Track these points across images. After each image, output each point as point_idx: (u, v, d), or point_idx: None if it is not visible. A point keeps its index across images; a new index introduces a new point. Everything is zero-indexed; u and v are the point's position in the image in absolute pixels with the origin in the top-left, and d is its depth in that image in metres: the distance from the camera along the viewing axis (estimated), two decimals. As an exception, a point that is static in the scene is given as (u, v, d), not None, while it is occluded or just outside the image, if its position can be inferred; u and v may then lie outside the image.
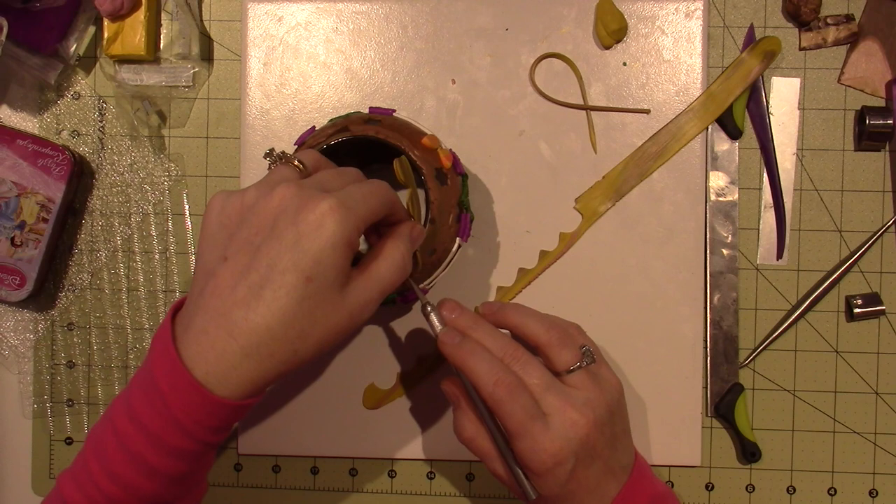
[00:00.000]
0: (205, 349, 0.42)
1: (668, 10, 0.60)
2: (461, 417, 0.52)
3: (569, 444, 0.48)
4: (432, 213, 0.52)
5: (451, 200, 0.53)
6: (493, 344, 0.50)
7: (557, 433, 0.48)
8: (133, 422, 0.44)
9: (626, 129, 0.61)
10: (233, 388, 0.43)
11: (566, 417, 0.49)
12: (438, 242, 0.53)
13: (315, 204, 0.42)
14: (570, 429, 0.48)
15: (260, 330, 0.41)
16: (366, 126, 0.53)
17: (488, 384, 0.48)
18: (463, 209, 0.54)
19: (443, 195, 0.52)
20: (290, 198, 0.42)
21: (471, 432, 0.51)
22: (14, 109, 0.65)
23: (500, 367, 0.49)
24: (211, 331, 0.42)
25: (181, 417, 0.43)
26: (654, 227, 0.60)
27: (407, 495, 0.63)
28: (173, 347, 0.43)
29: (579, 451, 0.49)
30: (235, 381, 0.42)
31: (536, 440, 0.48)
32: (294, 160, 0.46)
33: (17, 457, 0.65)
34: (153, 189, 0.64)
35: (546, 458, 0.48)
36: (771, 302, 0.61)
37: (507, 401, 0.48)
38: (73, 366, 0.64)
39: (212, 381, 0.42)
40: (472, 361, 0.49)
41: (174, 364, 0.42)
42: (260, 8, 0.62)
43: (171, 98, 0.63)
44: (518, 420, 0.48)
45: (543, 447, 0.48)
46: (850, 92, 0.61)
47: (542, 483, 0.49)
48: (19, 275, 0.61)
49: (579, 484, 0.50)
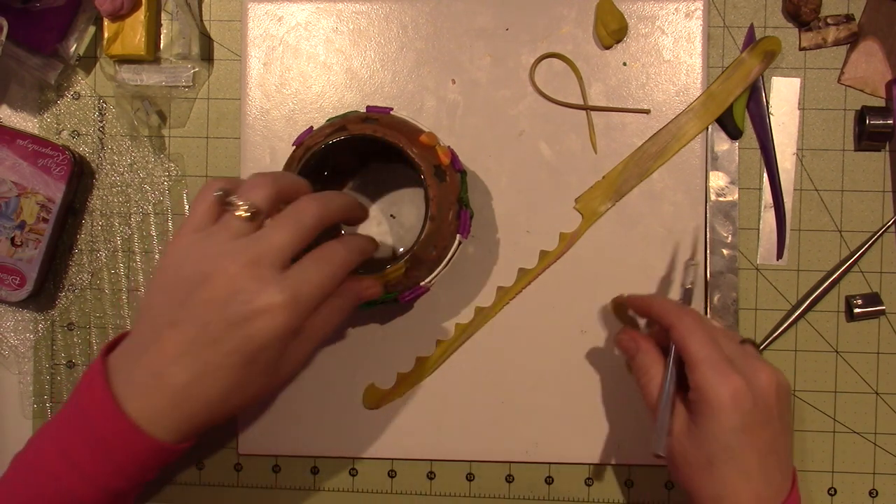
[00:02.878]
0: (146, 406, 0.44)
1: (668, 10, 0.60)
2: (642, 357, 0.53)
3: (750, 385, 0.48)
4: (432, 211, 0.52)
5: (450, 197, 0.53)
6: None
7: (740, 369, 0.48)
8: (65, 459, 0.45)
9: (626, 129, 0.61)
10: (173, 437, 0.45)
11: (750, 364, 0.49)
12: (438, 239, 0.53)
13: (270, 294, 0.42)
14: (752, 373, 0.48)
15: (200, 401, 0.44)
16: (363, 125, 0.53)
17: (670, 310, 0.52)
18: (462, 206, 0.54)
19: (442, 192, 0.52)
20: (247, 279, 0.43)
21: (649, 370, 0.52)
22: (14, 109, 0.65)
23: (686, 306, 0.53)
24: (152, 394, 0.44)
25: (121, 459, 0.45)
26: (654, 227, 0.60)
27: (407, 495, 0.63)
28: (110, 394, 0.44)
29: (758, 402, 0.48)
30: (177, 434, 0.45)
31: (718, 366, 0.48)
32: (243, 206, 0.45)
33: (17, 457, 0.65)
34: (153, 189, 0.64)
35: (724, 388, 0.47)
36: (771, 302, 0.61)
37: (688, 322, 0.50)
38: (73, 366, 0.64)
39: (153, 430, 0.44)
40: (659, 299, 0.54)
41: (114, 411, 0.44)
42: (260, 8, 0.62)
43: (171, 98, 0.63)
44: (701, 344, 0.49)
45: (724, 374, 0.47)
46: (850, 92, 0.61)
47: (716, 422, 0.47)
48: (19, 275, 0.61)
49: (750, 443, 0.47)
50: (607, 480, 0.62)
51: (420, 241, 0.52)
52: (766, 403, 0.48)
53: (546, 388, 0.61)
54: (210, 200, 0.46)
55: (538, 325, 0.61)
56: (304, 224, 0.45)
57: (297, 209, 0.45)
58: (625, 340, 0.56)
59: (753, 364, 0.49)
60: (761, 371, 0.49)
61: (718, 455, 0.48)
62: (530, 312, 0.61)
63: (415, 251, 0.52)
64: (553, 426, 0.61)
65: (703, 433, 0.48)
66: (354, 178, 0.61)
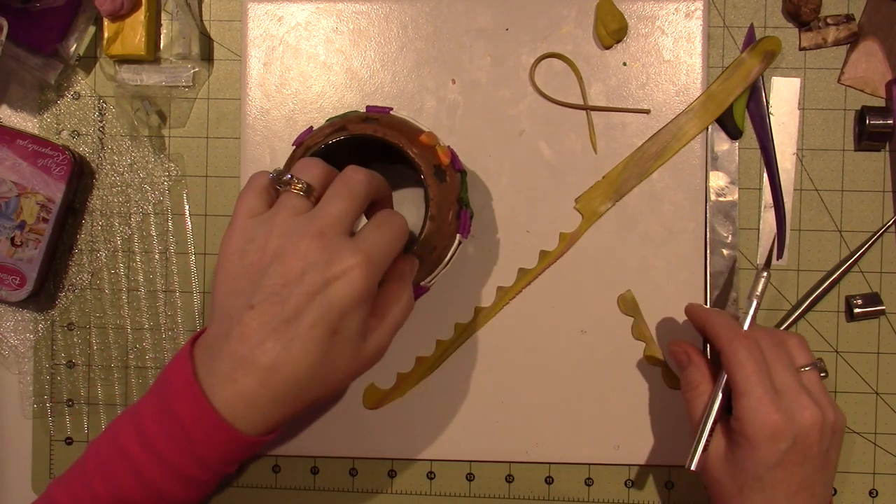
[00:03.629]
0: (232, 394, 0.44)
1: (668, 10, 0.60)
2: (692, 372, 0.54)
3: (791, 424, 0.48)
4: (432, 211, 0.52)
5: (450, 197, 0.53)
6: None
7: (784, 407, 0.49)
8: (147, 449, 0.45)
9: (626, 129, 0.61)
10: (257, 428, 0.45)
11: (797, 400, 0.49)
12: (438, 239, 0.53)
13: (344, 259, 0.43)
14: (797, 411, 0.49)
15: (289, 381, 0.43)
16: (363, 125, 0.53)
17: (726, 335, 0.51)
18: (462, 206, 0.54)
19: (442, 192, 0.52)
20: (318, 250, 0.43)
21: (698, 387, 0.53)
22: (14, 109, 0.65)
23: (742, 330, 0.52)
24: (239, 378, 0.43)
25: (203, 452, 0.44)
26: (654, 227, 0.60)
27: (407, 495, 0.63)
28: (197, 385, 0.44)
29: (798, 440, 0.48)
30: (262, 422, 0.45)
31: (761, 402, 0.49)
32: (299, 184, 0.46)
33: (17, 457, 0.65)
34: (153, 189, 0.64)
35: (763, 425, 0.48)
36: (771, 302, 0.61)
37: (742, 352, 0.50)
38: (73, 366, 0.64)
39: (238, 422, 0.44)
40: (715, 316, 0.53)
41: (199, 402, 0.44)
42: (260, 8, 0.62)
43: (171, 98, 0.63)
44: (747, 375, 0.49)
45: (766, 411, 0.48)
46: (850, 92, 0.61)
47: (751, 455, 0.49)
48: (19, 275, 0.61)
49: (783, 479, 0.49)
50: (607, 480, 0.62)
51: (420, 241, 0.52)
52: (806, 442, 0.49)
53: (546, 388, 0.61)
54: (260, 186, 0.46)
55: (538, 325, 0.61)
56: (357, 192, 0.46)
57: (348, 180, 0.46)
58: (677, 353, 0.56)
59: (801, 401, 0.49)
60: (807, 409, 0.49)
61: (749, 484, 0.49)
62: (530, 312, 0.61)
63: (414, 251, 0.52)
64: (553, 426, 0.61)
65: (738, 462, 0.50)
66: None
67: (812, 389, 0.51)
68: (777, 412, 0.48)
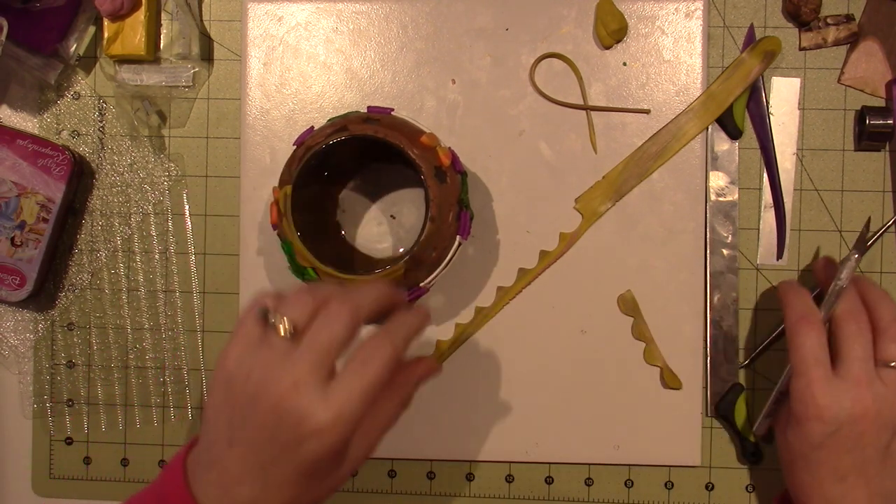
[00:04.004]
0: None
1: (668, 10, 0.60)
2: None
3: (839, 410, 0.50)
4: (432, 212, 0.52)
5: (450, 199, 0.53)
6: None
7: (835, 394, 0.50)
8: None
9: (626, 129, 0.61)
10: None
11: (853, 390, 0.50)
12: (438, 241, 0.53)
13: (314, 419, 0.43)
14: (848, 400, 0.50)
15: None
16: (364, 125, 0.53)
17: (793, 316, 0.52)
18: (463, 207, 0.54)
19: (442, 193, 0.52)
20: (291, 402, 0.43)
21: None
22: (14, 109, 0.65)
23: (814, 309, 0.53)
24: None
25: None
26: (654, 227, 0.60)
27: (407, 495, 0.63)
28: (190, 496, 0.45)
29: (845, 427, 0.50)
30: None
31: (811, 384, 0.50)
32: (282, 327, 0.45)
33: (17, 457, 0.65)
34: (153, 189, 0.64)
35: (809, 406, 0.50)
36: (771, 302, 0.61)
37: (801, 335, 0.51)
38: (73, 366, 0.64)
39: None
40: (792, 295, 0.54)
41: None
42: (260, 8, 0.62)
43: (171, 98, 0.63)
44: (802, 357, 0.51)
45: (813, 394, 0.50)
46: (850, 92, 0.61)
47: (798, 432, 0.51)
48: (19, 275, 0.61)
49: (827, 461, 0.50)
50: (607, 480, 0.62)
51: (420, 242, 0.52)
52: (856, 430, 0.50)
53: (546, 388, 0.61)
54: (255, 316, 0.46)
55: (538, 325, 0.61)
56: (338, 330, 0.45)
57: (328, 317, 0.45)
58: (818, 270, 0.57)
59: (859, 392, 0.50)
60: (861, 401, 0.50)
61: (797, 461, 0.52)
62: (530, 312, 0.61)
63: (414, 252, 0.52)
64: (553, 426, 0.61)
65: (789, 436, 0.52)
66: (355, 178, 0.61)
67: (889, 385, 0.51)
68: (826, 397, 0.50)
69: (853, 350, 0.51)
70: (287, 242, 0.54)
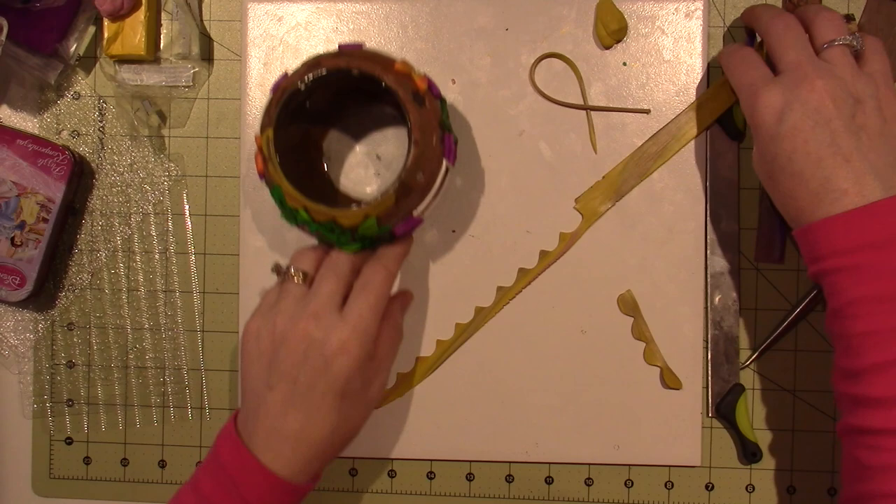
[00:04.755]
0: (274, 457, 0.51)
1: (668, 10, 0.60)
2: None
3: (789, 94, 0.50)
4: (415, 136, 0.51)
5: (432, 122, 0.53)
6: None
7: (781, 85, 0.50)
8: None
9: (626, 129, 0.61)
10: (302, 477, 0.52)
11: (795, 72, 0.50)
12: (425, 164, 0.52)
13: (336, 337, 0.50)
14: (793, 83, 0.50)
15: (315, 442, 0.51)
16: (337, 59, 0.52)
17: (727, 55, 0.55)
18: (445, 130, 0.54)
19: (423, 117, 0.52)
20: (313, 330, 0.50)
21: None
22: (14, 109, 0.65)
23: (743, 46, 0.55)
24: (274, 446, 0.50)
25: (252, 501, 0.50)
26: (654, 227, 0.60)
27: (407, 495, 0.63)
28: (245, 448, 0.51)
29: (796, 107, 0.49)
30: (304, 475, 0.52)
31: (755, 86, 0.51)
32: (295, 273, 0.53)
33: (17, 457, 0.65)
34: (153, 189, 0.64)
35: (760, 106, 0.50)
36: (771, 302, 0.61)
37: (735, 59, 0.54)
38: (73, 366, 0.64)
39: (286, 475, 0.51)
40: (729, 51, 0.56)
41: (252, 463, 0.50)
42: (260, 8, 0.62)
43: (171, 98, 0.63)
44: (741, 75, 0.53)
45: (758, 92, 0.51)
46: (850, 92, 0.61)
47: (760, 143, 0.51)
48: (19, 275, 0.61)
49: (799, 149, 0.49)
50: (607, 480, 0.62)
51: (407, 167, 0.52)
52: (812, 107, 0.49)
53: (546, 388, 0.61)
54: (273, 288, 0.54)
55: (538, 325, 0.61)
56: (341, 271, 0.52)
57: (333, 261, 0.53)
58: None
59: (802, 72, 0.50)
60: (807, 77, 0.50)
61: (774, 173, 0.51)
62: (530, 312, 0.61)
63: (402, 178, 0.51)
64: (553, 426, 0.61)
65: (757, 154, 0.53)
66: (336, 124, 0.61)
67: (834, 63, 0.50)
68: (772, 91, 0.50)
69: (785, 41, 0.51)
70: (276, 187, 0.54)
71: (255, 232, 0.62)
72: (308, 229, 0.54)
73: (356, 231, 0.52)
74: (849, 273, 0.48)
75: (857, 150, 0.49)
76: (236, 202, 0.63)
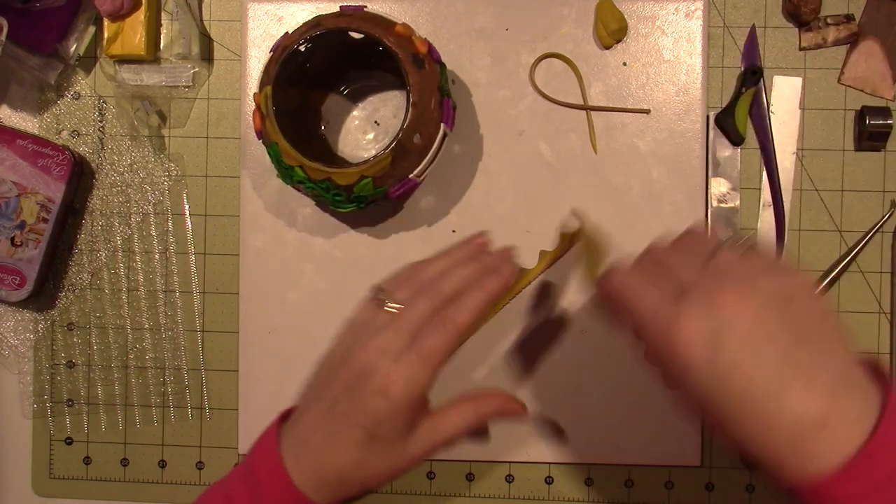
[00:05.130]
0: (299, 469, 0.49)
1: (668, 10, 0.60)
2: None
3: (710, 319, 0.40)
4: (413, 97, 0.52)
5: (431, 85, 0.53)
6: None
7: (692, 308, 0.40)
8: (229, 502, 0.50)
9: (626, 129, 0.61)
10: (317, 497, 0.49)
11: (704, 291, 0.41)
12: (422, 126, 0.53)
13: (385, 373, 0.47)
14: (712, 302, 0.40)
15: (335, 469, 0.49)
16: (338, 19, 0.52)
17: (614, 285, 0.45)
18: (444, 95, 0.54)
19: (422, 79, 0.52)
20: (369, 363, 0.48)
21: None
22: (14, 109, 0.65)
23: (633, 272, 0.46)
24: (300, 457, 0.49)
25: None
26: (655, 227, 0.60)
27: (407, 495, 0.63)
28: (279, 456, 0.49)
29: (729, 331, 0.40)
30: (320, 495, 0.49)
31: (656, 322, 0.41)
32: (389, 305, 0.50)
33: (17, 457, 0.65)
34: (153, 189, 0.64)
35: (674, 344, 0.40)
36: (771, 302, 0.61)
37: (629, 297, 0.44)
38: (73, 366, 0.64)
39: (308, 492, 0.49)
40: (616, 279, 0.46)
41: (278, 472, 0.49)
42: (260, 8, 0.62)
43: (171, 98, 0.63)
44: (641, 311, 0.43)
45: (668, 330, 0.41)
46: (850, 92, 0.61)
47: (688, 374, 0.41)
48: (19, 275, 0.61)
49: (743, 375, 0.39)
50: (607, 480, 0.62)
51: (404, 128, 0.52)
52: (744, 327, 0.40)
53: (546, 388, 0.61)
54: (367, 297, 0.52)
55: (538, 325, 0.61)
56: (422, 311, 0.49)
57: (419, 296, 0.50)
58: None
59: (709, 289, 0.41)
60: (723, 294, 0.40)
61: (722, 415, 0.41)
62: (530, 312, 0.61)
63: (399, 139, 0.52)
64: (553, 426, 0.61)
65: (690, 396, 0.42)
66: (335, 88, 0.62)
67: (733, 270, 0.42)
68: (682, 321, 0.40)
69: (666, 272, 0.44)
70: (273, 144, 0.54)
71: (255, 232, 0.62)
72: (304, 188, 0.54)
73: (351, 191, 0.53)
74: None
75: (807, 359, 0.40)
76: (236, 202, 0.63)
